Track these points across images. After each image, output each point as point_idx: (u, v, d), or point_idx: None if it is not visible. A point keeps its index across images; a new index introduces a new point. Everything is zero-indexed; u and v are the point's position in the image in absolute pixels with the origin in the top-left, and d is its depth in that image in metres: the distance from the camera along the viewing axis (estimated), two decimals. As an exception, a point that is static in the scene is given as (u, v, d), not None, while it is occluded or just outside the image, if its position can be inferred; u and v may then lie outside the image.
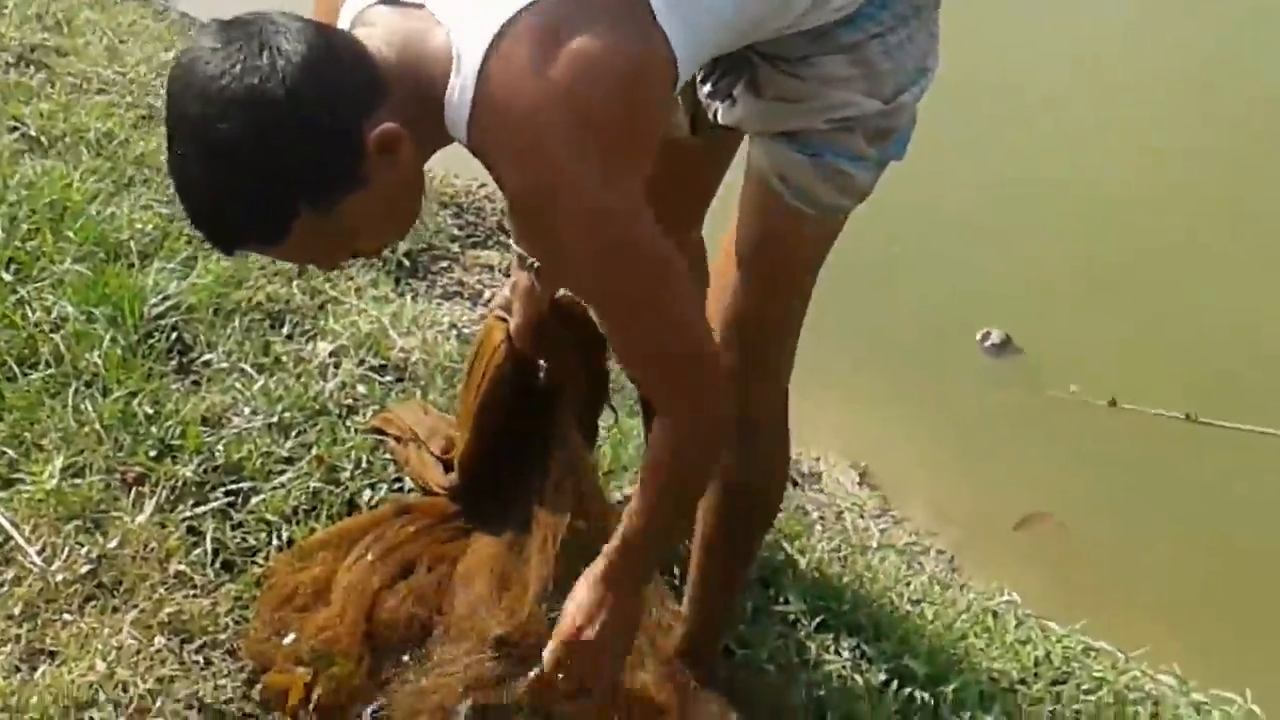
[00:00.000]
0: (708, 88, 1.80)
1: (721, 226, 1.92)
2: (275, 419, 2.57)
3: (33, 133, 3.33)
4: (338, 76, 1.41)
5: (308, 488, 2.44)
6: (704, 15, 1.52)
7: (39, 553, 2.21)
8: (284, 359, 2.75)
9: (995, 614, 2.55)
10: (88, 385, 2.54)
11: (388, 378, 2.80)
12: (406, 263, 3.33)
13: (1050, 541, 3.07)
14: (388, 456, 2.53)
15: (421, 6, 1.47)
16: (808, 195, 1.75)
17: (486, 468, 2.32)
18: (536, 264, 2.11)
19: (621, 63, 1.44)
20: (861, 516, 3.11)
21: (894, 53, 1.69)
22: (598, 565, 1.83)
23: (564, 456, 2.20)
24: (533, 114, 1.41)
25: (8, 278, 2.73)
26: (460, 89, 1.43)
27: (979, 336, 3.68)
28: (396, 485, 2.49)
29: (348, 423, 2.62)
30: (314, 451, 2.51)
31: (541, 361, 2.22)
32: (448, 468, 2.40)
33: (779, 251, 1.84)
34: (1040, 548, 3.05)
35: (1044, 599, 2.75)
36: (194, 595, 2.21)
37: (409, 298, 3.15)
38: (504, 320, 2.21)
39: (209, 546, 2.29)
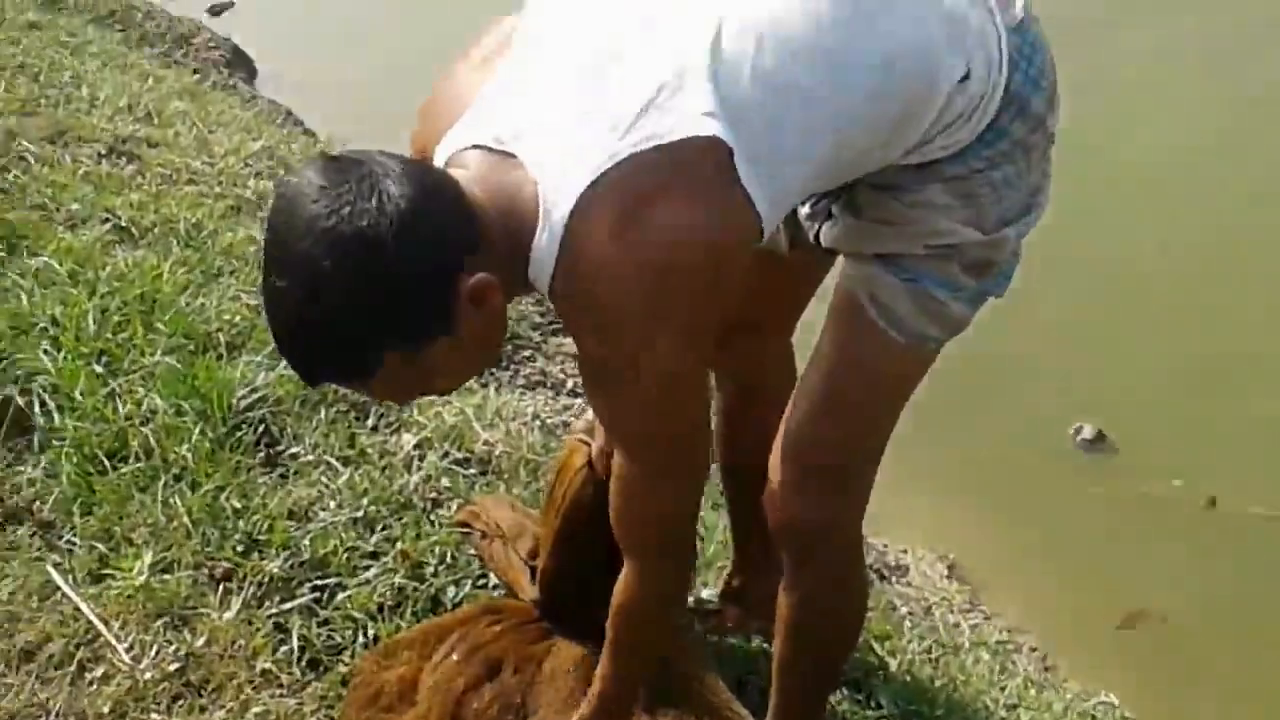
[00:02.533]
0: (806, 208, 1.79)
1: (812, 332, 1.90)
2: (360, 513, 2.57)
3: (124, 223, 3.39)
4: (440, 224, 1.42)
5: (393, 583, 2.42)
6: (790, 167, 1.52)
7: (128, 650, 2.21)
8: (369, 451, 2.75)
9: (1094, 718, 2.47)
10: (177, 479, 2.55)
11: (472, 470, 2.79)
12: (490, 353, 3.33)
13: (1147, 641, 2.99)
14: (472, 553, 2.52)
15: (513, 156, 1.49)
16: (898, 320, 1.72)
17: (570, 586, 2.30)
18: None
19: (703, 237, 1.45)
20: (951, 611, 3.05)
21: (999, 188, 1.66)
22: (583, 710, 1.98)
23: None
24: (614, 288, 1.44)
25: (99, 370, 2.76)
26: (546, 245, 1.45)
27: (1072, 431, 3.62)
28: (481, 582, 2.48)
29: (432, 517, 2.62)
30: (399, 546, 2.50)
31: None
32: (534, 573, 2.38)
33: (863, 378, 1.80)
34: (1136, 647, 2.98)
35: (1142, 701, 2.68)
36: (281, 694, 2.20)
37: (492, 388, 3.15)
38: (585, 444, 2.20)
39: (295, 644, 2.28)
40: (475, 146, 1.52)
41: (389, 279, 1.39)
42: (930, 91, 1.55)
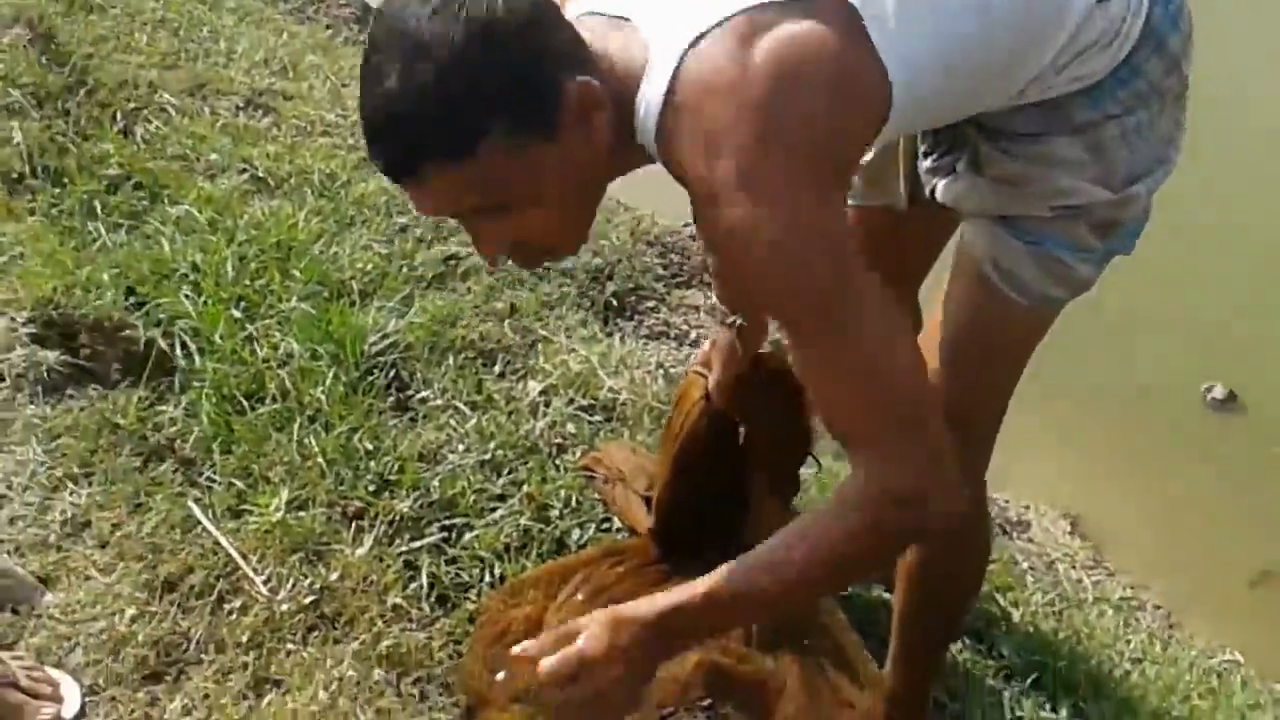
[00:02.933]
0: (928, 163, 1.73)
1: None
2: (487, 456, 2.62)
3: (260, 174, 3.47)
4: (554, 32, 1.38)
5: (519, 525, 2.48)
6: (919, 51, 1.41)
7: (265, 582, 2.29)
8: (496, 397, 2.81)
9: (1220, 675, 2.44)
10: (311, 420, 2.63)
11: (596, 417, 2.83)
12: (614, 303, 3.37)
13: (1275, 601, 2.93)
14: (596, 497, 2.56)
15: (628, 20, 1.45)
16: (1022, 284, 1.66)
17: (684, 518, 2.33)
18: (736, 321, 2.11)
19: (828, 63, 1.34)
20: (1074, 568, 3.02)
21: (1130, 137, 1.57)
22: (651, 607, 1.53)
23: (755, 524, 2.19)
24: (723, 104, 1.32)
25: (237, 315, 2.85)
26: (651, 91, 1.38)
27: (1202, 390, 3.55)
28: (605, 526, 2.52)
29: (557, 461, 2.66)
30: (525, 489, 2.55)
31: (740, 418, 2.22)
32: (649, 504, 2.42)
33: (985, 340, 1.74)
34: (1264, 607, 2.92)
35: (1269, 660, 2.63)
36: (410, 629, 2.26)
37: (617, 338, 3.18)
38: (702, 376, 2.23)
39: (424, 581, 2.35)
40: (591, 14, 1.48)
41: (497, 48, 1.32)
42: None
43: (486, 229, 1.47)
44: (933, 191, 1.73)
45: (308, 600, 2.27)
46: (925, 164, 1.75)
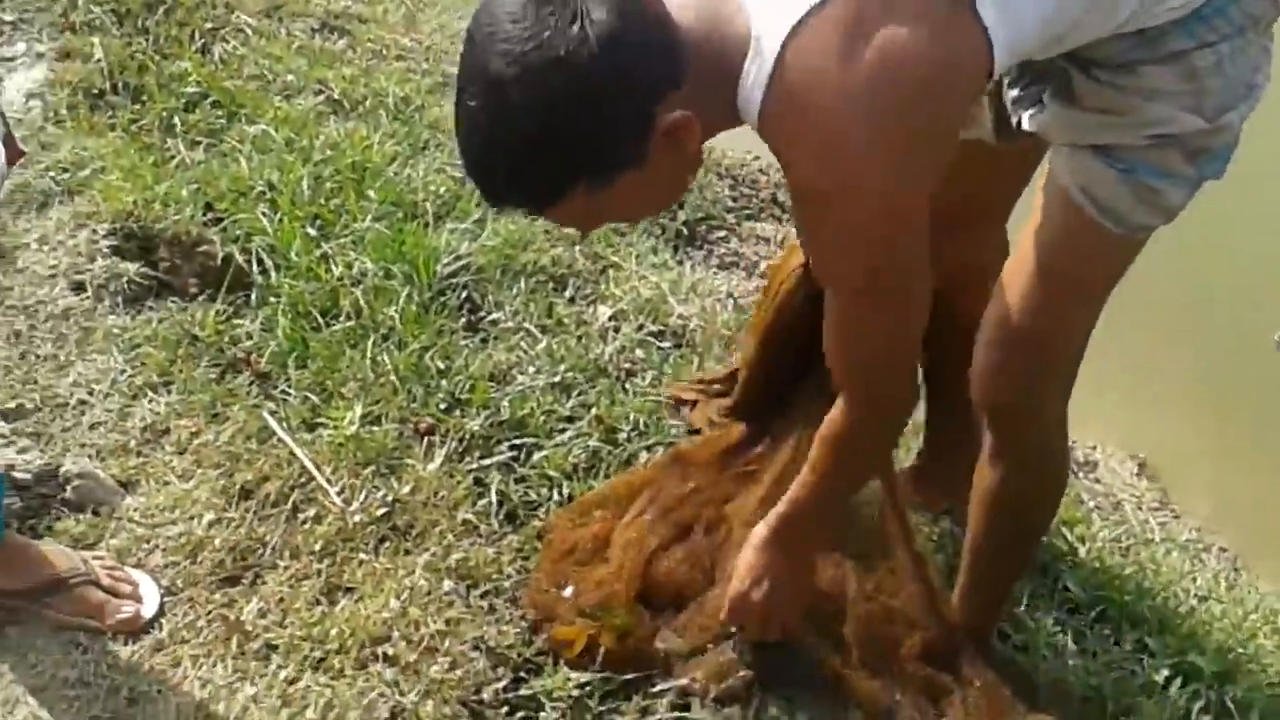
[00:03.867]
0: (1015, 92, 1.72)
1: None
2: (557, 378, 2.64)
3: (336, 95, 3.49)
4: (644, 54, 1.38)
5: (587, 446, 2.50)
6: (1026, 7, 1.43)
7: (339, 494, 2.33)
8: (566, 321, 2.82)
9: (1288, 616, 2.43)
10: (384, 338, 2.66)
11: (665, 343, 2.85)
12: (685, 231, 3.37)
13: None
14: (669, 420, 2.57)
15: None
16: (1114, 212, 1.65)
17: (771, 385, 2.37)
18: None
19: (926, 66, 1.38)
20: (1140, 509, 3.01)
21: (1224, 65, 1.55)
22: (763, 529, 1.99)
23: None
24: (831, 110, 1.38)
25: (313, 233, 2.88)
26: (756, 72, 1.40)
27: (1276, 337, 3.50)
28: (672, 448, 2.53)
29: (626, 385, 2.68)
30: (593, 412, 2.58)
31: None
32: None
33: (1075, 269, 1.75)
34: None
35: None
36: (479, 543, 2.29)
37: (687, 266, 3.19)
38: None
39: (494, 498, 2.38)
40: None
41: (584, 110, 1.35)
42: None
43: (579, 227, 1.64)
44: (1019, 122, 1.72)
45: (379, 512, 2.31)
46: (1011, 94, 1.73)
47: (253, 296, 2.75)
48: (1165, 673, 2.14)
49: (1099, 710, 2.08)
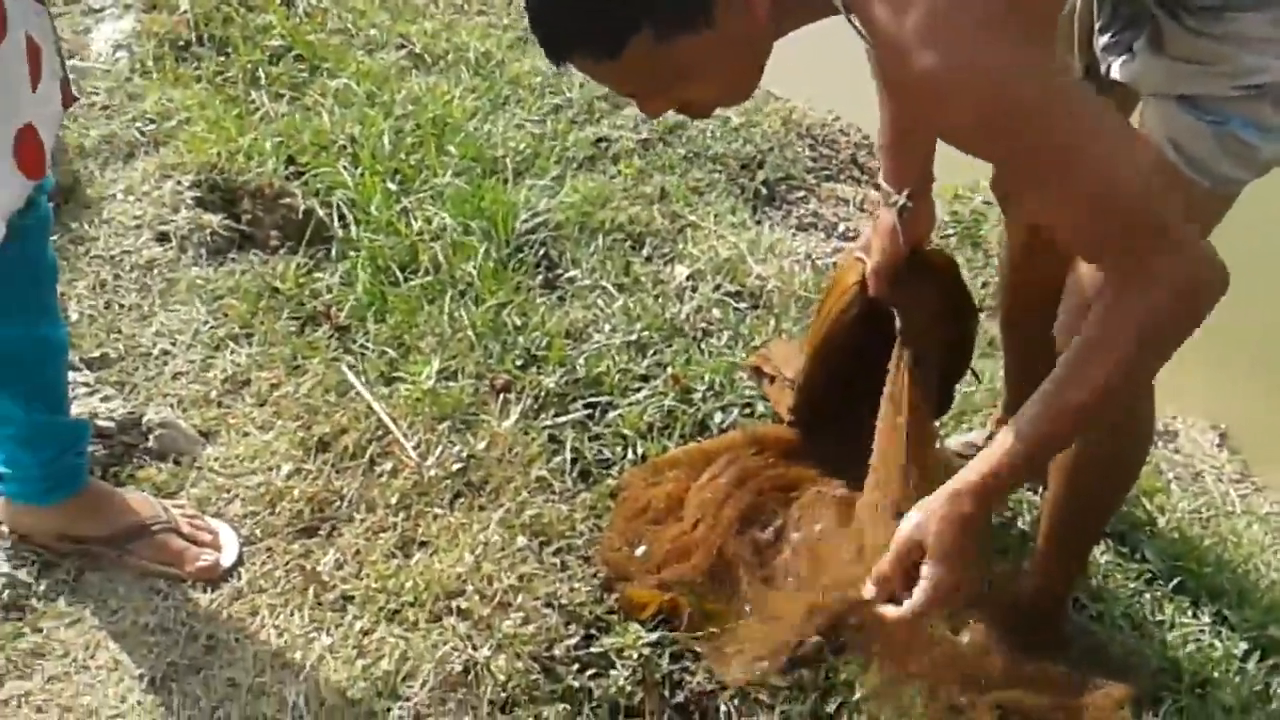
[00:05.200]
0: (1105, 39, 1.68)
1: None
2: (633, 337, 2.64)
3: (418, 50, 3.50)
4: None
5: (662, 406, 2.50)
6: None
7: (415, 448, 2.35)
8: (643, 279, 2.82)
9: (1369, 592, 2.39)
10: (462, 294, 2.67)
11: (743, 304, 2.84)
12: (764, 191, 3.35)
13: None
14: (744, 381, 2.56)
15: None
16: (1204, 166, 1.61)
17: (827, 403, 2.32)
18: (901, 202, 2.07)
19: None
20: (1220, 480, 2.96)
21: None
22: (956, 506, 1.59)
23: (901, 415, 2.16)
24: None
25: (393, 187, 2.90)
26: None
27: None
28: (748, 411, 2.53)
29: (703, 345, 2.68)
30: (669, 371, 2.58)
31: (895, 309, 2.17)
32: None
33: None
34: None
35: None
36: (553, 501, 2.30)
37: (765, 226, 3.17)
38: (860, 261, 2.17)
39: (568, 455, 2.39)
40: None
41: None
42: None
43: (646, 102, 1.52)
44: (1109, 70, 1.69)
45: (455, 467, 2.32)
46: (1102, 41, 1.70)
47: (333, 250, 2.77)
48: (1244, 646, 2.12)
49: (1175, 682, 2.06)
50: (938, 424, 2.28)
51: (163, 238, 2.70)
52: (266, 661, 1.99)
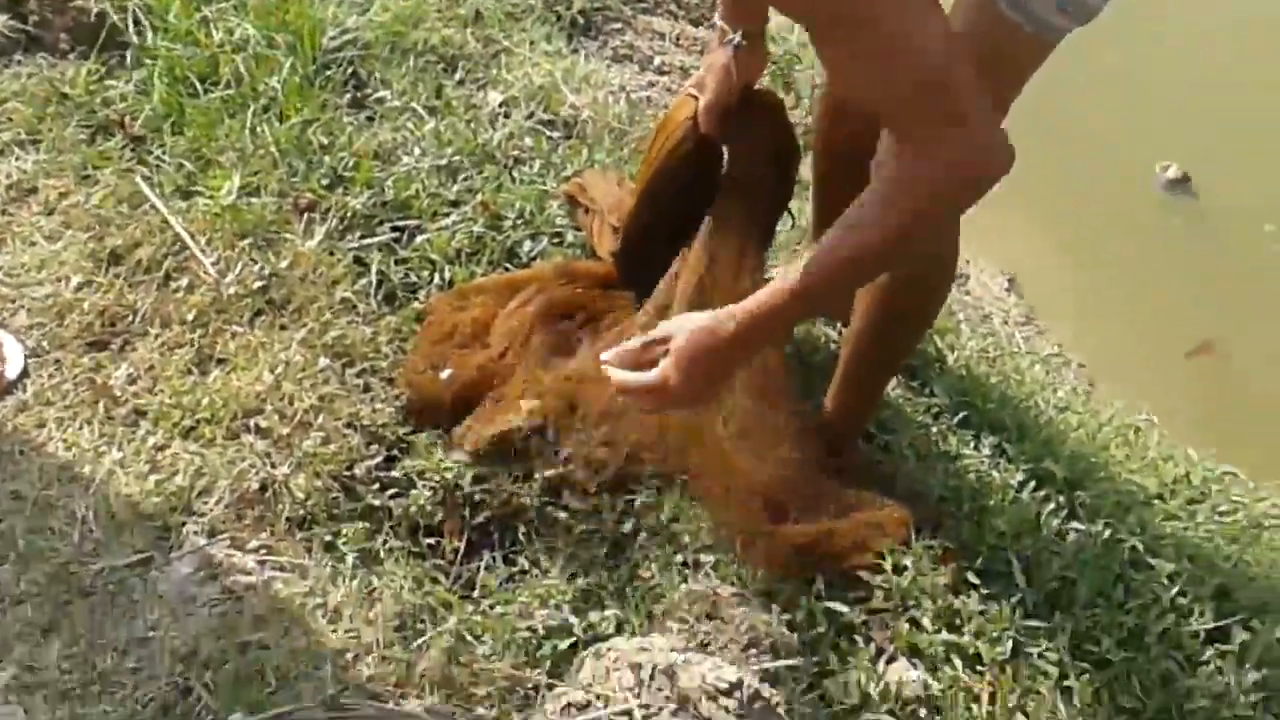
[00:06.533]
0: None
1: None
2: (444, 161, 2.60)
3: None
4: None
5: (471, 232, 2.47)
6: None
7: (214, 264, 2.28)
8: (455, 104, 2.76)
9: (1137, 430, 2.51)
10: (265, 109, 2.58)
11: (556, 133, 2.81)
12: (580, 20, 3.30)
13: (1192, 371, 3.02)
14: (554, 209, 2.55)
15: None
16: (1027, 10, 1.64)
17: (652, 242, 2.31)
18: (735, 40, 2.06)
19: None
20: (1007, 323, 3.08)
21: None
22: (724, 323, 1.62)
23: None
24: None
25: (193, -5, 2.76)
26: None
27: (1157, 169, 3.56)
28: (557, 240, 2.52)
29: (514, 173, 2.65)
30: (479, 197, 2.54)
31: (725, 149, 2.18)
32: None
33: (984, 67, 1.68)
34: (1179, 374, 3.01)
35: (1186, 426, 2.71)
36: (357, 322, 2.27)
37: (581, 56, 3.12)
38: (694, 98, 2.16)
39: (374, 278, 2.35)
40: None
41: None
42: None
43: None
44: None
45: (255, 286, 2.27)
46: None
47: (128, 57, 2.64)
48: (1020, 477, 2.21)
49: (955, 509, 2.15)
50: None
51: (-61, 35, 2.54)
52: (53, 475, 1.93)
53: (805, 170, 2.39)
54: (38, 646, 1.73)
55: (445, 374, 2.20)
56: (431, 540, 2.00)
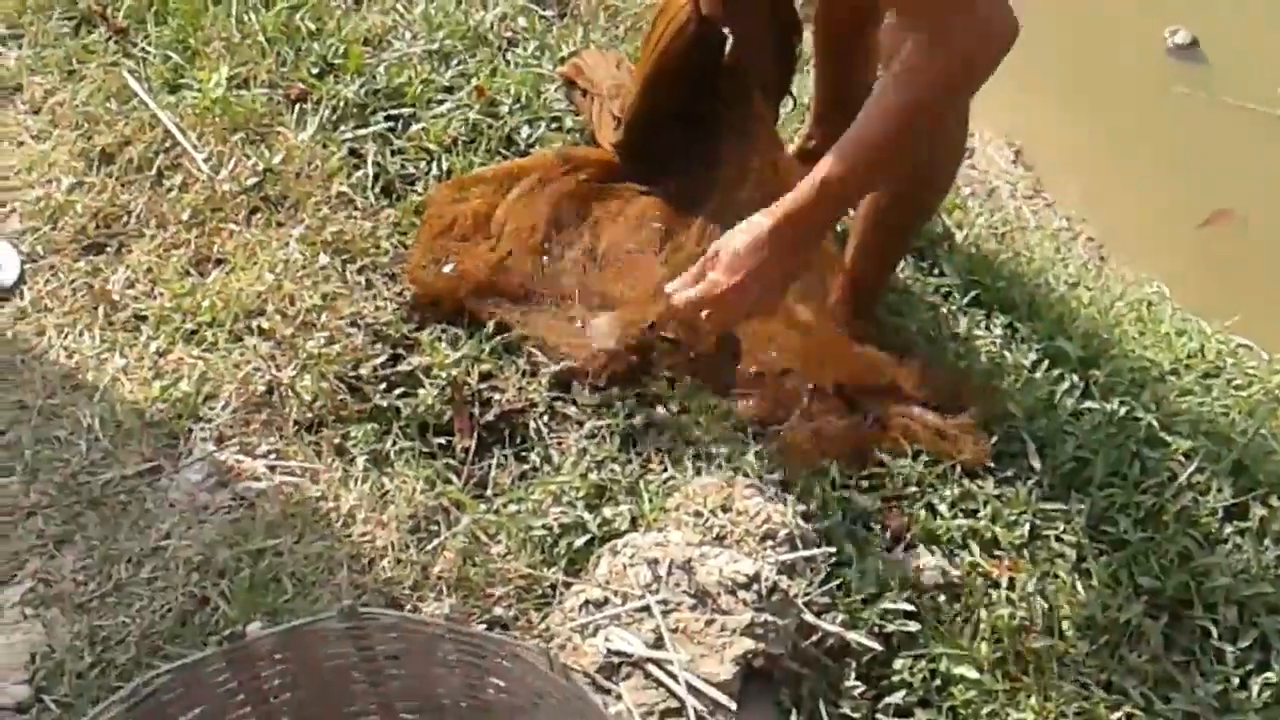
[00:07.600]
0: None
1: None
2: (435, 46, 2.53)
3: None
4: None
5: (467, 119, 2.41)
6: None
7: (206, 160, 2.23)
8: (445, -16, 2.68)
9: (1150, 304, 2.48)
10: (250, -4, 2.51)
11: (549, 12, 2.73)
12: (572, -106, 3.19)
13: (1205, 242, 2.97)
14: (553, 94, 2.49)
15: None
16: None
17: (656, 130, 2.26)
18: None
19: None
20: (1014, 196, 3.03)
21: None
22: (765, 219, 1.72)
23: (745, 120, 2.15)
24: None
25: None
26: None
27: (1166, 34, 3.47)
28: (555, 125, 2.46)
29: (508, 55, 2.58)
30: (474, 82, 2.48)
31: (727, 30, 2.11)
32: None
33: None
34: (1191, 245, 2.97)
35: (1199, 297, 2.67)
36: (355, 217, 2.22)
37: (572, -73, 3.03)
38: None
39: (370, 170, 2.30)
40: None
41: None
42: None
43: None
44: None
45: (250, 181, 2.22)
46: None
47: (105, -57, 2.55)
48: (1033, 357, 2.18)
49: (966, 387, 2.13)
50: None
51: (-89, -75, 2.45)
52: (56, 383, 1.91)
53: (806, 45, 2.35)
54: (52, 559, 1.72)
55: (448, 268, 2.16)
56: (441, 440, 1.97)
